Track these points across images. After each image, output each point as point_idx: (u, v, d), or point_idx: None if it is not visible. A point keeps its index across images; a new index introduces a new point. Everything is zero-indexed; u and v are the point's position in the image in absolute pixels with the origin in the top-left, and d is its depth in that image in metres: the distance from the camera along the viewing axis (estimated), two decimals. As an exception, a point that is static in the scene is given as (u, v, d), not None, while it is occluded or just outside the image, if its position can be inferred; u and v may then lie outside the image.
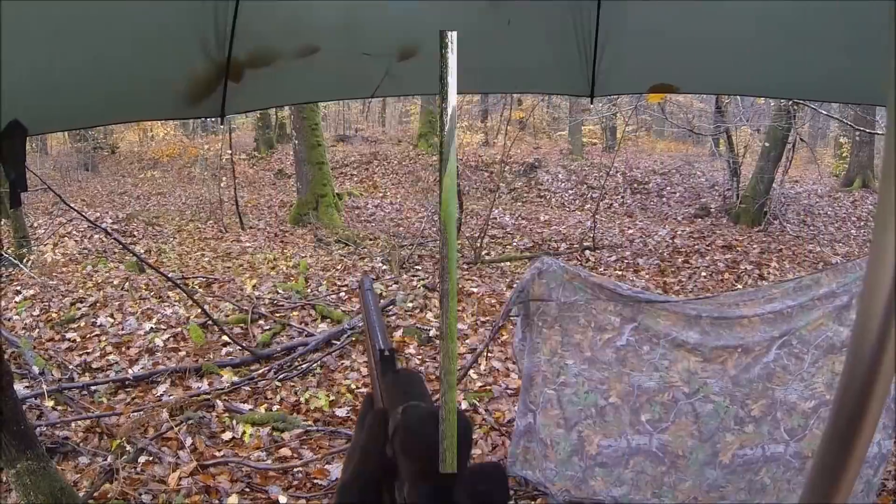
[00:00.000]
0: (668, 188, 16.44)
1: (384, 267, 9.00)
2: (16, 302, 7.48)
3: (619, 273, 9.13)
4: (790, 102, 12.02)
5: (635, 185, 16.54)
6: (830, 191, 16.36)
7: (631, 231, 11.98)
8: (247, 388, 5.62)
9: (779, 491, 3.86)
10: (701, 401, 3.79)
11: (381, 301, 7.23)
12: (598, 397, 3.86)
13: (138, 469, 4.42)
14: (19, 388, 5.34)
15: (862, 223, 13.81)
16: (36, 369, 5.63)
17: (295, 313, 7.12)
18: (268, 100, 2.18)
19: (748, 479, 3.86)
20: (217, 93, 1.82)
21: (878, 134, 13.49)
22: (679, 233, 11.74)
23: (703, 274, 9.33)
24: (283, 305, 7.30)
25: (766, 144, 13.23)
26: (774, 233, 12.53)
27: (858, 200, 15.46)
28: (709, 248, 10.69)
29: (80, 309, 7.14)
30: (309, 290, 7.82)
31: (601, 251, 10.44)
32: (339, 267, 8.94)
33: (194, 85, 1.76)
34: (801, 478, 3.82)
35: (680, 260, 9.97)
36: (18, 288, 7.97)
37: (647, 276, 9.04)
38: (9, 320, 6.96)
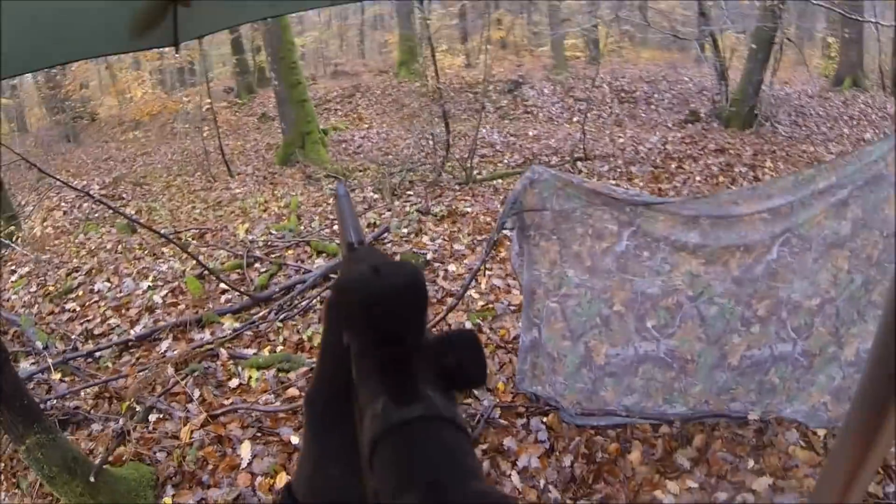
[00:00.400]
0: (656, 95, 16.18)
1: (376, 196, 8.90)
2: (12, 282, 7.44)
3: (614, 182, 9.02)
4: (776, 0, 11.71)
5: (622, 95, 16.26)
6: (821, 91, 16.17)
7: (622, 140, 11.80)
8: (249, 332, 5.58)
9: (788, 390, 3.86)
10: (706, 303, 3.74)
11: (376, 230, 7.21)
12: (601, 306, 3.81)
13: (150, 428, 4.42)
14: (25, 365, 5.36)
15: (854, 122, 13.65)
16: (39, 344, 5.59)
17: (290, 252, 7.05)
18: (222, 21, 2.05)
19: (758, 380, 3.85)
20: (168, 20, 1.70)
21: (870, 21, 13.19)
22: (670, 139, 11.57)
23: (698, 178, 9.23)
24: (277, 246, 7.23)
25: (753, 46, 12.89)
26: (766, 134, 12.34)
27: (850, 100, 15.31)
28: (701, 152, 10.54)
29: (76, 278, 7.12)
30: (302, 228, 7.74)
31: (593, 161, 10.30)
32: (330, 201, 8.82)
33: (142, 14, 1.64)
34: (809, 376, 3.81)
35: (673, 166, 9.85)
36: (13, 267, 7.93)
37: (641, 184, 8.95)
38: (8, 300, 6.92)
